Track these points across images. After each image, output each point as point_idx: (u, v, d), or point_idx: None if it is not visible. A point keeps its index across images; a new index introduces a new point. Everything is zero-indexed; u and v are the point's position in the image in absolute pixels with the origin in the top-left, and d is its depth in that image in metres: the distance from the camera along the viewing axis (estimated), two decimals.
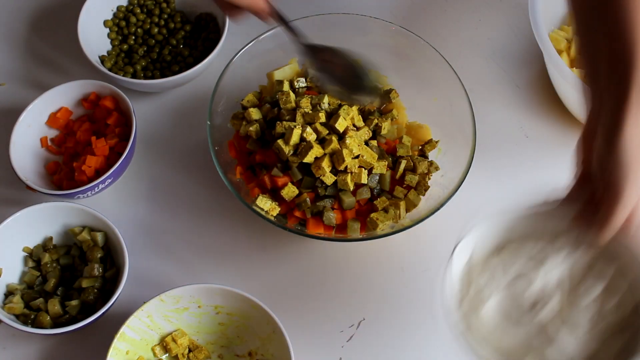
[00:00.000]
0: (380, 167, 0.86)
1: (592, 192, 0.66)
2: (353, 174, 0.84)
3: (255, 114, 0.89)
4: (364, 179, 0.84)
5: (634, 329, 0.68)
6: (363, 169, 0.84)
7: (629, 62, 0.61)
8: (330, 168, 0.84)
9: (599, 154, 0.64)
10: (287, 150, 0.84)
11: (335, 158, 0.84)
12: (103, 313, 0.82)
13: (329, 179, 0.84)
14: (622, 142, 0.61)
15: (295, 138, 0.84)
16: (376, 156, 0.85)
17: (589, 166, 0.67)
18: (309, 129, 0.84)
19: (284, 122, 0.85)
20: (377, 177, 0.86)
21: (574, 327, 0.68)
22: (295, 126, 0.84)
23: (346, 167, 0.84)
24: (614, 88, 0.62)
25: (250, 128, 0.88)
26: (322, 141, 0.85)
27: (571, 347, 0.68)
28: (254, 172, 0.88)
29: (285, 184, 0.85)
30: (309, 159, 0.83)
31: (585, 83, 0.67)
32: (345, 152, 0.83)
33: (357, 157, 0.85)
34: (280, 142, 0.85)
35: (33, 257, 0.88)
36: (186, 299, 0.81)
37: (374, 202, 0.86)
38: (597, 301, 0.69)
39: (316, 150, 0.83)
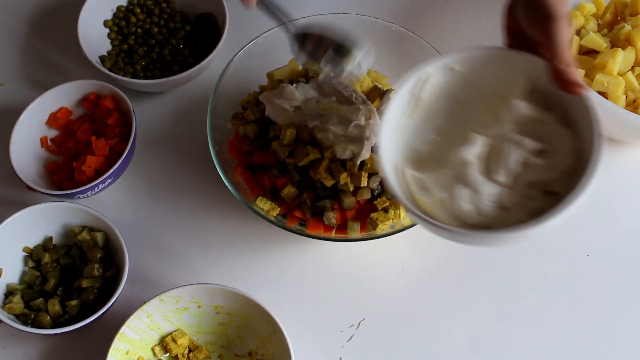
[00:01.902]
0: None
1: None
2: (353, 176, 0.84)
3: (254, 114, 0.89)
4: (364, 183, 0.84)
5: (558, 196, 0.67)
6: (363, 172, 0.84)
7: None
8: (328, 174, 0.84)
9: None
10: (283, 151, 0.84)
11: (335, 166, 0.84)
12: (103, 313, 0.82)
13: (328, 181, 0.84)
14: None
15: (289, 136, 0.84)
16: None
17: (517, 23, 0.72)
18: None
19: (277, 125, 0.86)
20: (379, 180, 0.86)
21: (495, 174, 0.69)
22: (288, 126, 0.84)
23: (347, 167, 0.84)
24: None
25: (248, 128, 0.88)
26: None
27: (486, 191, 0.68)
28: (254, 172, 0.88)
29: (285, 185, 0.85)
30: (304, 163, 0.83)
31: None
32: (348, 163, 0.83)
33: (361, 167, 0.85)
34: (275, 144, 0.85)
35: (33, 257, 0.88)
36: (186, 299, 0.81)
37: (374, 202, 0.86)
38: (528, 156, 0.69)
39: (312, 155, 0.83)
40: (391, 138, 0.73)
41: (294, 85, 0.88)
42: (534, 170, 0.68)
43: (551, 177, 0.68)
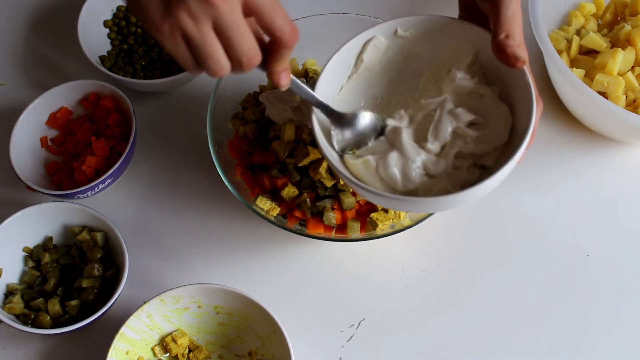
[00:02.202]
0: None
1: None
2: None
3: (254, 114, 0.89)
4: None
5: (488, 170, 0.68)
6: None
7: None
8: (327, 174, 0.84)
9: None
10: (283, 151, 0.84)
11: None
12: (103, 313, 0.82)
13: (328, 181, 0.84)
14: None
15: (289, 133, 0.84)
16: None
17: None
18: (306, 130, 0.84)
19: (277, 125, 0.86)
20: None
21: (425, 141, 0.70)
22: (287, 123, 0.84)
23: None
24: None
25: (247, 128, 0.88)
26: None
27: (415, 158, 0.69)
28: (254, 172, 0.88)
29: (285, 185, 0.85)
30: (304, 163, 0.83)
31: None
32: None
33: None
34: (275, 144, 0.85)
35: (33, 257, 0.88)
36: (186, 299, 0.81)
37: None
38: (460, 126, 0.70)
39: (312, 155, 0.83)
40: (327, 97, 0.73)
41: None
42: (464, 141, 0.69)
43: (480, 149, 0.69)
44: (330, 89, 0.74)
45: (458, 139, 0.70)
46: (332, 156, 0.70)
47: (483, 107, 0.71)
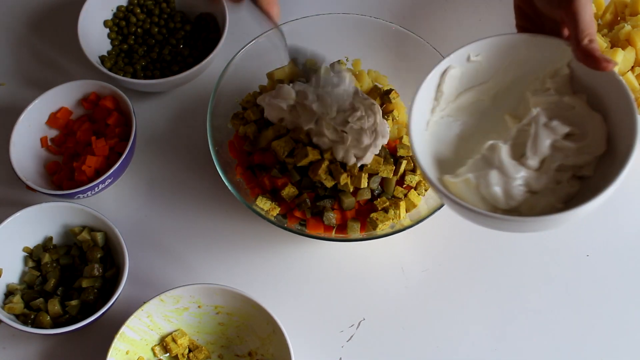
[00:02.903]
0: (387, 172, 0.85)
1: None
2: (353, 177, 0.84)
3: (254, 114, 0.89)
4: (364, 184, 0.84)
5: (587, 180, 0.67)
6: (363, 173, 0.84)
7: None
8: (327, 175, 0.84)
9: None
10: (282, 151, 0.84)
11: (334, 167, 0.84)
12: (103, 313, 0.82)
13: (328, 182, 0.84)
14: None
15: (269, 135, 0.84)
16: (382, 161, 0.85)
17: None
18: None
19: (276, 126, 0.86)
20: (379, 180, 0.86)
21: (524, 157, 0.68)
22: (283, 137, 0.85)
23: (346, 168, 0.84)
24: None
25: (247, 129, 0.88)
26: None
27: (516, 175, 0.67)
28: (254, 172, 0.88)
29: (285, 185, 0.85)
30: (303, 163, 0.83)
31: None
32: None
33: (361, 168, 0.85)
34: (275, 144, 0.85)
35: (33, 257, 0.88)
36: (186, 299, 0.81)
37: (374, 202, 0.86)
38: (558, 139, 0.68)
39: (312, 156, 0.83)
40: (421, 134, 0.72)
41: (291, 85, 0.88)
42: (564, 154, 0.67)
43: (581, 160, 0.67)
44: (421, 128, 0.73)
45: (557, 152, 0.68)
46: (432, 175, 0.69)
47: (576, 117, 0.69)
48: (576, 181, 0.67)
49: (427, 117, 0.74)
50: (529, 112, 0.70)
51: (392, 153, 0.89)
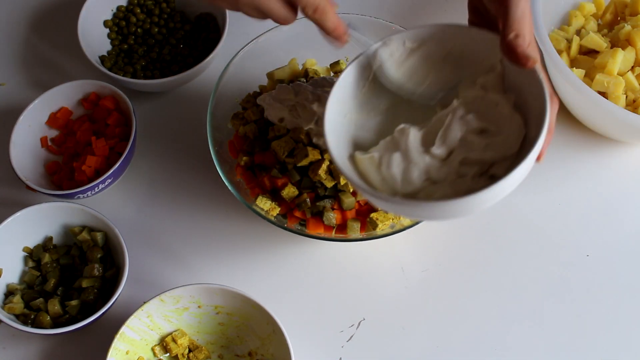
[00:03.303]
0: None
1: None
2: None
3: (254, 114, 0.89)
4: None
5: (492, 178, 0.65)
6: None
7: None
8: (327, 175, 0.84)
9: None
10: (282, 151, 0.84)
11: (335, 167, 0.83)
12: (103, 313, 0.82)
13: (328, 182, 0.84)
14: None
15: (286, 148, 0.84)
16: None
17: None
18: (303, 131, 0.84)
19: (276, 126, 0.86)
20: None
21: (431, 145, 0.68)
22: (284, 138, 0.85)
23: None
24: None
25: (247, 128, 0.88)
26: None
27: (418, 160, 0.67)
28: (254, 173, 0.88)
29: (285, 185, 0.85)
30: (303, 163, 0.83)
31: None
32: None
33: None
34: (275, 144, 0.85)
35: (33, 257, 0.88)
36: (186, 299, 0.81)
37: None
38: (469, 133, 0.67)
39: (312, 157, 0.83)
40: (339, 107, 0.72)
41: (291, 85, 0.88)
42: (470, 148, 0.67)
43: (488, 156, 0.66)
44: (342, 105, 0.73)
45: (465, 146, 0.67)
46: (340, 152, 0.68)
47: (496, 115, 0.68)
48: (483, 179, 0.66)
49: (354, 94, 0.73)
50: (452, 103, 0.70)
51: None
